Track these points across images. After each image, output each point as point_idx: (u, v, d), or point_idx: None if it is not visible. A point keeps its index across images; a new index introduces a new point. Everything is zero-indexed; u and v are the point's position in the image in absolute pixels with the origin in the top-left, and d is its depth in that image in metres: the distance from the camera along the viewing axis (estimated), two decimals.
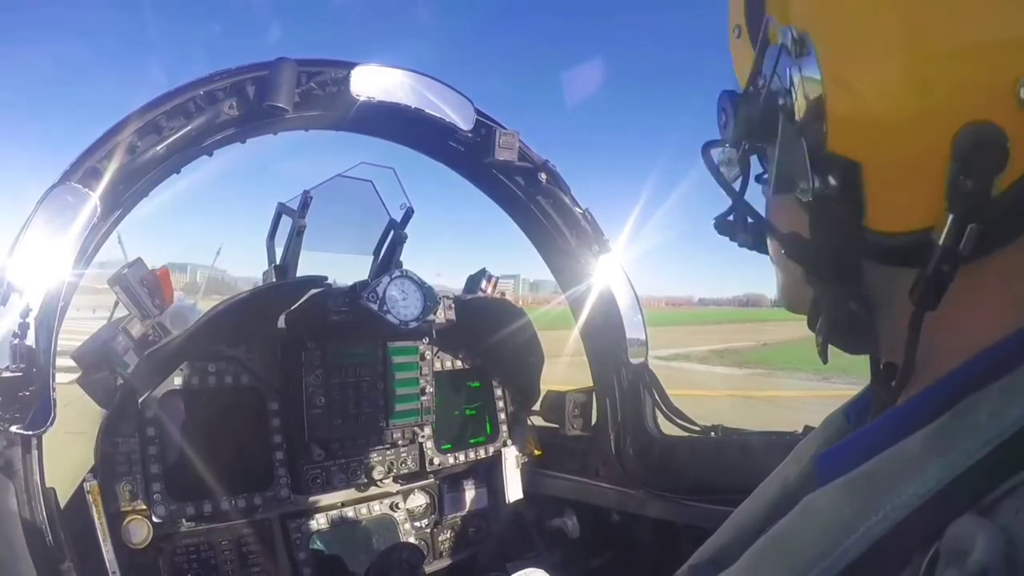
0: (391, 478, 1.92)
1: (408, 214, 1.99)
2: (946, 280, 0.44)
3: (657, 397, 2.00)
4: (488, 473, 2.28)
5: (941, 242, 0.43)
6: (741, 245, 0.62)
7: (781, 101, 0.48)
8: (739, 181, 0.57)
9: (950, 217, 0.42)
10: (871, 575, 0.39)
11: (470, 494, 2.24)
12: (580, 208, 1.95)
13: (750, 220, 0.57)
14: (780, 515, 0.49)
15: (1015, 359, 0.41)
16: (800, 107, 0.47)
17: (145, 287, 1.42)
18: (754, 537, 0.51)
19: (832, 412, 0.69)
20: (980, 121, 0.41)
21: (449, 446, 2.09)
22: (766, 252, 0.61)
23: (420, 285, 1.79)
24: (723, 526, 0.72)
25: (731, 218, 0.61)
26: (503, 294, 2.28)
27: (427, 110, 1.62)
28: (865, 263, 0.49)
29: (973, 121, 0.41)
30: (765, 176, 0.58)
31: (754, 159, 0.58)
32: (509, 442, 2.22)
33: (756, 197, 0.64)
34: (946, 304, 0.45)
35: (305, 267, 1.88)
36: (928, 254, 0.43)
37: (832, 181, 0.46)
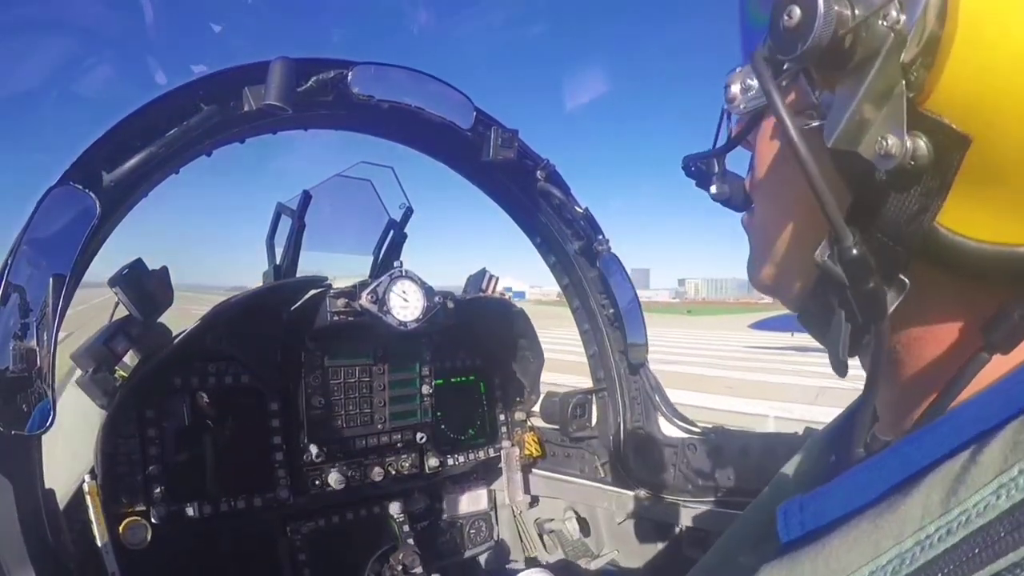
0: (391, 479, 1.92)
1: (407, 214, 1.99)
2: None
3: (657, 398, 2.00)
4: (488, 474, 2.28)
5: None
6: (716, 196, 0.57)
7: (889, 20, 0.34)
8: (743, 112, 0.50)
9: None
10: None
11: (470, 495, 2.24)
12: (580, 208, 1.95)
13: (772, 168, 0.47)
14: (758, 553, 0.46)
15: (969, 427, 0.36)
16: (918, 36, 0.33)
17: (145, 287, 1.42)
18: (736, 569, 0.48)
19: (817, 433, 0.66)
20: None
21: (449, 447, 2.09)
22: (741, 209, 0.56)
23: (420, 285, 1.79)
24: (712, 549, 0.71)
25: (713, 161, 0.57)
26: (503, 294, 2.28)
27: (426, 109, 1.61)
28: (914, 266, 0.39)
29: None
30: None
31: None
32: (509, 443, 2.21)
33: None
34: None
35: (304, 267, 1.88)
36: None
37: (923, 150, 0.34)
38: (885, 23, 0.34)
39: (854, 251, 0.37)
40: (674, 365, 14.65)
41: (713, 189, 0.57)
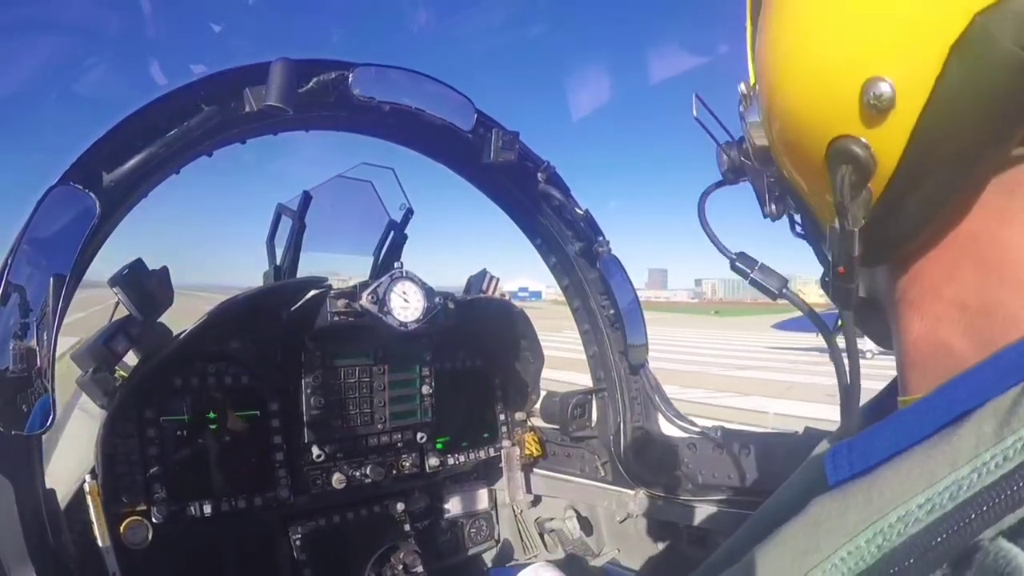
0: (391, 479, 1.92)
1: (408, 215, 1.99)
2: (845, 282, 0.47)
3: (657, 398, 2.00)
4: (488, 474, 2.28)
5: (827, 248, 0.47)
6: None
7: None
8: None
9: (831, 225, 0.46)
10: None
11: (470, 495, 2.24)
12: (580, 209, 1.95)
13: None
14: (794, 513, 0.46)
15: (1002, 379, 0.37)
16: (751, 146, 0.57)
17: (145, 287, 1.42)
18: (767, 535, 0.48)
19: (837, 433, 0.67)
20: (843, 135, 0.42)
21: (448, 447, 2.09)
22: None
23: (421, 286, 1.79)
24: (743, 525, 0.72)
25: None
26: (503, 295, 2.28)
27: (427, 110, 1.61)
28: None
29: (839, 136, 0.42)
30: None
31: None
32: (509, 442, 2.22)
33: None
34: (902, 305, 0.47)
35: (305, 268, 1.88)
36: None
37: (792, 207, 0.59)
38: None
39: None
40: (752, 371, 14.06)
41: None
